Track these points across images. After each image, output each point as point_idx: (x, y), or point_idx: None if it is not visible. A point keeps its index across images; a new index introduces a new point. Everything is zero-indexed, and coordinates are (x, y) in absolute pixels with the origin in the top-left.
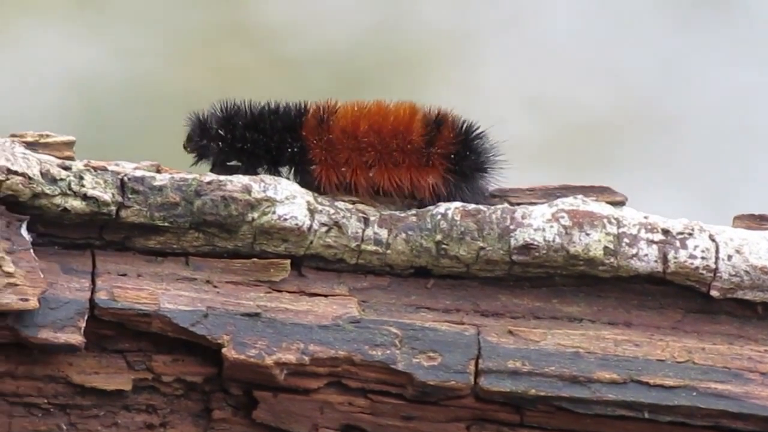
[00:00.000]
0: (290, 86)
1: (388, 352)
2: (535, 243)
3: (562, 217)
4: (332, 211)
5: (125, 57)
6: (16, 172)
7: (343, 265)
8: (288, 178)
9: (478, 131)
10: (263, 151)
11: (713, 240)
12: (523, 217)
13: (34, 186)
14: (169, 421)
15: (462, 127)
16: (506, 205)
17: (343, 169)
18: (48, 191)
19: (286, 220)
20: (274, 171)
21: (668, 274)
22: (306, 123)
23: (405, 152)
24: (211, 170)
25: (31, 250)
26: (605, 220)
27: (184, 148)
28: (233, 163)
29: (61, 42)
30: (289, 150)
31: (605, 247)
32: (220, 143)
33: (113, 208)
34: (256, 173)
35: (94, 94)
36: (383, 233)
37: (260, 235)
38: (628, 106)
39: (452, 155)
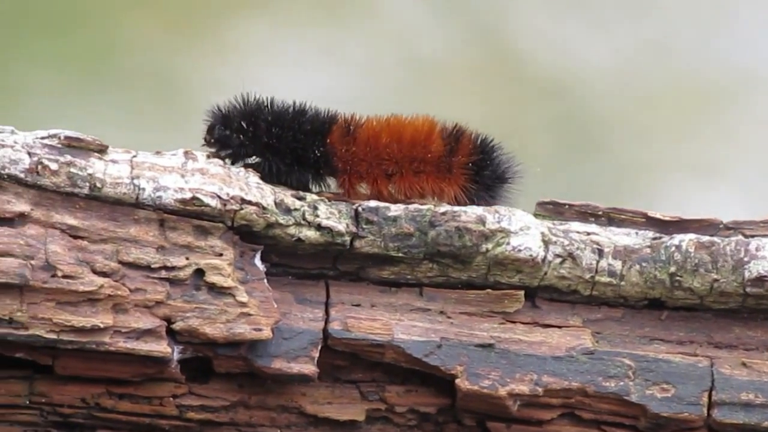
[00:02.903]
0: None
1: (622, 383)
2: None
3: None
4: (566, 242)
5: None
6: (250, 202)
7: (577, 296)
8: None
9: (495, 142)
10: (287, 151)
11: None
12: (757, 249)
13: (268, 216)
14: None
15: (479, 138)
16: (740, 237)
17: (364, 178)
18: (282, 221)
19: (520, 251)
20: (296, 173)
21: None
22: (332, 132)
23: (425, 162)
24: (233, 164)
25: (265, 280)
26: None
27: (206, 140)
28: (253, 159)
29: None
30: (313, 155)
31: None
32: (241, 136)
33: (347, 238)
34: (277, 171)
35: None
36: (617, 265)
37: (494, 266)
38: None
39: (472, 164)
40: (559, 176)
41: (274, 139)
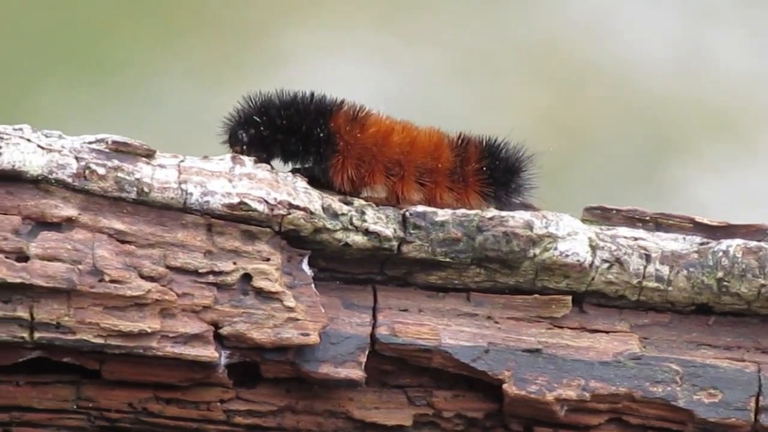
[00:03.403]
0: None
1: (669, 388)
2: None
3: None
4: (614, 247)
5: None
6: (297, 207)
7: (624, 301)
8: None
9: (499, 140)
10: (294, 133)
11: None
12: None
13: (316, 221)
14: None
15: (484, 142)
16: None
17: (363, 166)
18: (329, 226)
19: (567, 256)
20: (302, 155)
21: None
22: (337, 114)
23: (435, 172)
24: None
25: (313, 285)
26: None
27: (233, 149)
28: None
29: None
30: (316, 135)
31: None
32: (262, 129)
33: (395, 243)
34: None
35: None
36: (665, 270)
37: (542, 271)
38: None
39: (484, 168)
40: (614, 168)
41: (284, 120)
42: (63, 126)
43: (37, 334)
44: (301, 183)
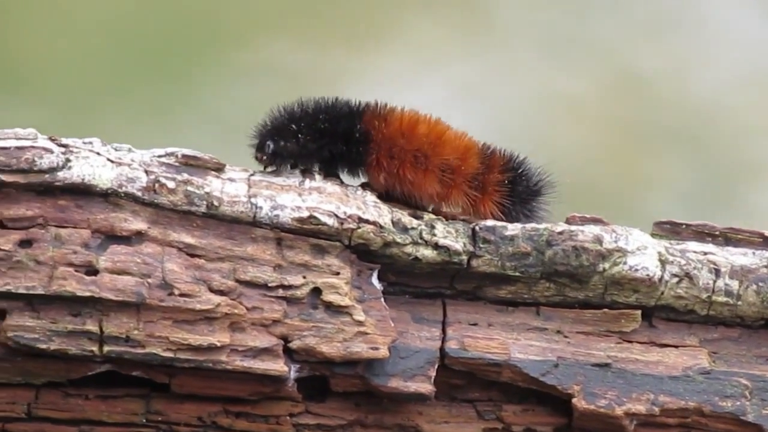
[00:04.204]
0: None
1: (738, 403)
2: None
3: None
4: (683, 262)
5: None
6: (367, 221)
7: (694, 316)
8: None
9: (522, 157)
10: (327, 139)
11: None
12: None
13: (385, 235)
14: None
15: (508, 155)
16: None
17: (394, 158)
18: (399, 240)
19: (637, 270)
20: (336, 160)
21: None
22: (366, 113)
23: (456, 173)
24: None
25: (382, 299)
26: None
27: (259, 159)
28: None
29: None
30: (352, 136)
31: None
32: (300, 136)
33: (464, 257)
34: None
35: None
36: (734, 284)
37: (611, 285)
38: None
39: (506, 181)
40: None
41: (324, 124)
42: (137, 138)
43: (106, 348)
44: (371, 197)
